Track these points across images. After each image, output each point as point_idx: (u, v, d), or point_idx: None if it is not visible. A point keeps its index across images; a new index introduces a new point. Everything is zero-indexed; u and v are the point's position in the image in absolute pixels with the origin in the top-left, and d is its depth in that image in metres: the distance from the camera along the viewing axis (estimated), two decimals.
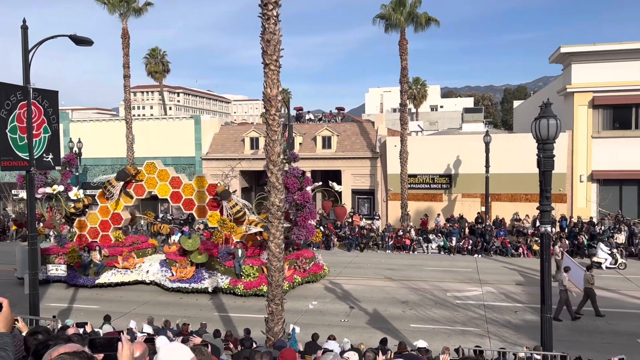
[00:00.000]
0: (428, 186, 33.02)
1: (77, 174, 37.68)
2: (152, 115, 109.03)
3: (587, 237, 26.80)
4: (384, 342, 12.61)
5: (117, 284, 22.08)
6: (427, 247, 28.75)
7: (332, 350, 5.19)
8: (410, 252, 28.58)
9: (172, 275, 21.39)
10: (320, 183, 25.71)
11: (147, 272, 22.38)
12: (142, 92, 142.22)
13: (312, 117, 43.70)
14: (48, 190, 23.58)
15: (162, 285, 21.54)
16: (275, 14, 12.65)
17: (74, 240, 23.72)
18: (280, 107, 13.17)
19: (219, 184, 22.99)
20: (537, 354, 10.36)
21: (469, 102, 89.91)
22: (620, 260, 23.70)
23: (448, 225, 29.78)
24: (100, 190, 23.83)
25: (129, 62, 35.67)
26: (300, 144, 36.16)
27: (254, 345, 10.11)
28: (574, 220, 29.05)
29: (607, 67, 29.50)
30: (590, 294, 17.12)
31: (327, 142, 35.64)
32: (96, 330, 12.51)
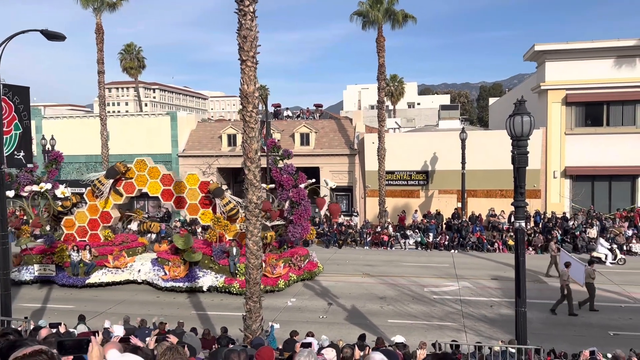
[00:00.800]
0: (405, 183, 33.25)
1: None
2: (127, 111, 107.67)
3: (560, 232, 27.33)
4: (362, 338, 12.66)
5: (107, 284, 21.64)
6: (404, 243, 28.97)
7: (309, 344, 5.20)
8: (388, 248, 28.77)
9: (165, 274, 21.03)
10: (314, 180, 25.58)
11: (139, 271, 21.96)
12: (118, 88, 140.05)
13: (290, 114, 43.59)
14: (35, 188, 22.98)
15: (155, 284, 21.13)
16: (251, 10, 12.57)
17: (62, 239, 23.19)
18: (258, 104, 13.09)
19: (211, 182, 22.64)
20: (511, 348, 10.52)
21: (446, 99, 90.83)
22: (619, 256, 23.97)
23: (425, 221, 30.04)
24: (89, 188, 23.29)
25: (103, 57, 35.07)
26: (278, 140, 35.99)
27: (231, 344, 10.05)
28: (548, 215, 29.58)
29: (580, 65, 30.06)
30: (590, 289, 17.31)
31: (305, 139, 35.60)
32: (71, 330, 12.30)
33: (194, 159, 36.17)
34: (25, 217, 24.31)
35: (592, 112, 30.55)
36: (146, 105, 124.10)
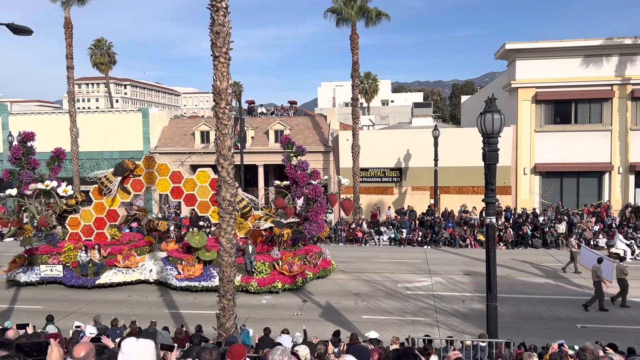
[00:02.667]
0: (379, 179, 33.47)
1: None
2: (98, 108, 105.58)
3: (530, 227, 27.89)
4: (336, 334, 12.70)
5: (118, 284, 20.99)
6: (378, 239, 29.16)
7: (280, 344, 5.20)
8: (363, 245, 28.92)
9: (179, 273, 20.55)
10: (326, 177, 25.12)
11: (151, 271, 21.39)
12: (88, 84, 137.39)
13: (264, 111, 43.41)
14: (40, 186, 22.25)
15: (169, 284, 20.49)
16: (224, 5, 12.45)
17: (66, 238, 22.51)
18: (231, 100, 12.99)
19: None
20: (482, 342, 10.70)
21: (419, 97, 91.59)
22: (637, 251, 24.10)
23: (399, 217, 30.29)
24: (95, 186, 22.63)
25: (72, 52, 34.34)
26: (252, 137, 35.88)
27: (204, 342, 9.97)
28: (519, 211, 30.15)
29: (549, 63, 30.69)
30: (623, 284, 17.27)
31: (279, 136, 35.47)
32: (39, 331, 12.03)
33: (166, 156, 35.67)
34: (26, 216, 23.39)
35: (561, 110, 31.22)
36: (117, 101, 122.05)
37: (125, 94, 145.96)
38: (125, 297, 19.89)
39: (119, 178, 21.94)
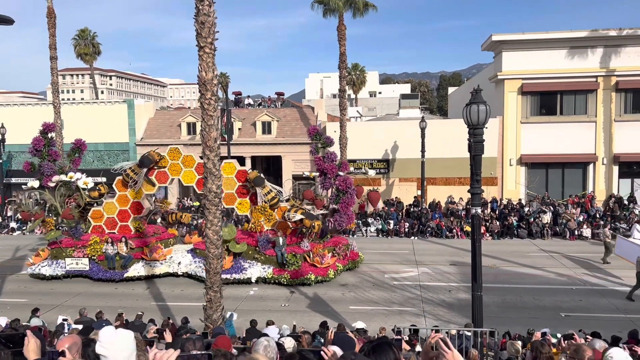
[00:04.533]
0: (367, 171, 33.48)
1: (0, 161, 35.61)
2: (82, 99, 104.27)
3: (516, 218, 28.16)
4: (323, 325, 12.76)
5: (146, 277, 20.75)
6: (366, 230, 29.26)
7: (266, 335, 5.21)
8: (350, 236, 28.96)
9: None
10: (353, 169, 24.58)
11: (179, 263, 21.14)
12: (72, 75, 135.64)
13: (252, 102, 43.20)
14: (64, 178, 21.87)
15: (199, 277, 20.07)
16: None
17: (89, 231, 22.20)
18: (217, 91, 12.90)
19: (250, 170, 21.89)
20: (467, 331, 10.80)
21: (406, 89, 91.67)
22: None
23: (386, 208, 30.39)
24: (119, 177, 22.28)
25: (55, 43, 33.79)
26: (239, 129, 35.70)
27: (190, 334, 9.96)
28: (504, 202, 30.40)
29: (535, 55, 30.83)
30: None
31: (267, 128, 35.35)
32: (23, 324, 11.94)
33: (152, 148, 35.34)
34: (48, 209, 22.97)
35: (546, 101, 31.44)
36: (102, 92, 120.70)
37: (111, 85, 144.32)
38: (112, 289, 19.78)
39: (145, 169, 21.54)
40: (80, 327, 10.42)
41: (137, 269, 20.80)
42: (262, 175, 21.95)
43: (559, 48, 30.59)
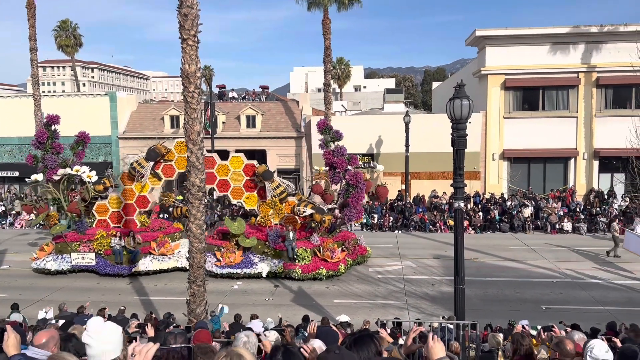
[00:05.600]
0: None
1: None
2: (63, 91, 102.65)
3: (498, 212, 28.45)
4: (306, 319, 12.79)
5: (155, 272, 20.45)
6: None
7: (250, 329, 5.20)
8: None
9: (219, 260, 20.16)
10: (362, 163, 24.38)
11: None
12: (53, 67, 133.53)
13: (236, 96, 42.93)
14: (70, 171, 21.44)
15: (209, 271, 19.82)
16: None
17: (94, 225, 21.86)
18: (200, 84, 12.80)
19: (258, 164, 21.72)
20: (450, 324, 10.91)
21: (391, 83, 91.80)
22: None
23: (370, 202, 30.48)
24: (125, 171, 21.94)
25: (35, 34, 33.26)
26: (223, 122, 35.49)
27: (170, 328, 9.92)
28: (487, 196, 30.70)
29: (518, 51, 31.07)
30: None
31: (251, 121, 35.18)
32: (4, 319, 11.76)
33: (135, 141, 35.04)
34: (52, 203, 22.52)
35: (529, 96, 31.74)
36: (84, 85, 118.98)
37: (93, 77, 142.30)
38: (94, 284, 19.58)
39: (151, 163, 21.30)
40: (60, 321, 10.30)
41: (146, 264, 20.50)
42: (269, 169, 21.86)
43: (542, 44, 30.87)
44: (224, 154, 35.80)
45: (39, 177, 21.90)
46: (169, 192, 27.02)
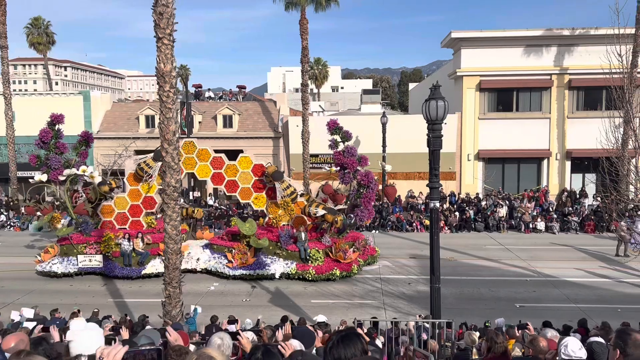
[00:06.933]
0: (329, 165, 33.54)
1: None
2: (35, 90, 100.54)
3: (474, 211, 28.82)
4: (284, 319, 12.74)
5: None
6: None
7: (226, 330, 5.16)
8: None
9: (230, 262, 19.80)
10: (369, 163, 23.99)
11: (198, 260, 20.50)
12: (24, 65, 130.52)
13: (212, 95, 42.68)
14: (76, 172, 20.90)
15: (221, 273, 19.68)
16: None
17: (99, 227, 21.29)
18: (176, 84, 12.68)
19: (268, 164, 21.41)
20: (426, 322, 11.00)
21: (368, 84, 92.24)
22: None
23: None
24: (130, 172, 21.41)
25: (6, 31, 32.52)
26: (199, 122, 35.21)
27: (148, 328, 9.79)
28: (463, 196, 31.06)
29: (493, 53, 31.51)
30: None
31: (228, 121, 34.97)
32: None
33: (109, 141, 34.52)
34: (59, 204, 21.92)
35: (503, 98, 32.22)
36: (57, 84, 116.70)
37: (66, 76, 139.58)
38: (67, 286, 19.20)
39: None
40: (31, 325, 10.07)
41: (155, 266, 20.00)
42: (281, 169, 21.66)
43: (516, 46, 31.37)
44: None
45: (44, 177, 21.34)
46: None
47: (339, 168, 21.95)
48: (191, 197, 32.54)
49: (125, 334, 7.18)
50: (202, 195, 33.85)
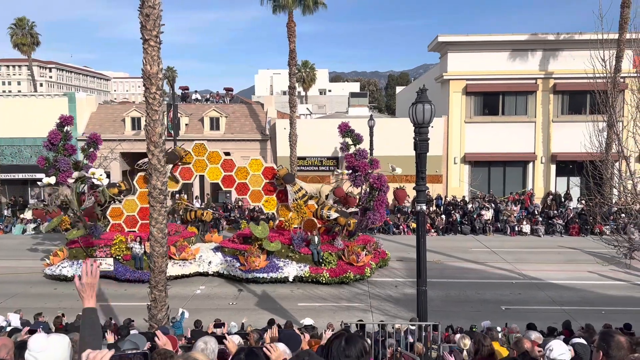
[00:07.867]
0: (317, 168, 33.60)
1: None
2: (19, 91, 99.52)
3: (460, 214, 28.99)
4: (271, 323, 12.71)
5: (176, 277, 19.63)
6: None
7: (213, 334, 5.13)
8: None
9: (242, 265, 19.58)
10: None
11: (210, 263, 20.33)
12: (8, 66, 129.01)
13: (199, 97, 42.46)
14: (85, 174, 20.48)
15: (234, 276, 19.53)
16: None
17: (108, 230, 20.99)
18: (162, 86, 12.59)
19: (280, 167, 21.23)
20: (412, 325, 11.03)
21: (356, 87, 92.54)
22: None
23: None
24: (141, 174, 21.06)
25: None
26: (186, 124, 35.03)
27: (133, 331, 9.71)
28: (449, 199, 31.23)
29: (479, 56, 31.77)
30: None
31: (215, 124, 34.84)
32: None
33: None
34: (66, 207, 21.53)
35: (489, 101, 32.50)
36: (41, 85, 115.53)
37: (51, 77, 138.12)
38: (51, 290, 18.96)
39: (170, 166, 20.56)
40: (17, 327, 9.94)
41: (167, 269, 19.91)
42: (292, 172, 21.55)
43: (502, 50, 31.67)
44: None
45: (52, 180, 21.01)
46: (181, 195, 26.48)
47: (350, 171, 21.93)
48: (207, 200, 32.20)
49: (110, 337, 7.11)
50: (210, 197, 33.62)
